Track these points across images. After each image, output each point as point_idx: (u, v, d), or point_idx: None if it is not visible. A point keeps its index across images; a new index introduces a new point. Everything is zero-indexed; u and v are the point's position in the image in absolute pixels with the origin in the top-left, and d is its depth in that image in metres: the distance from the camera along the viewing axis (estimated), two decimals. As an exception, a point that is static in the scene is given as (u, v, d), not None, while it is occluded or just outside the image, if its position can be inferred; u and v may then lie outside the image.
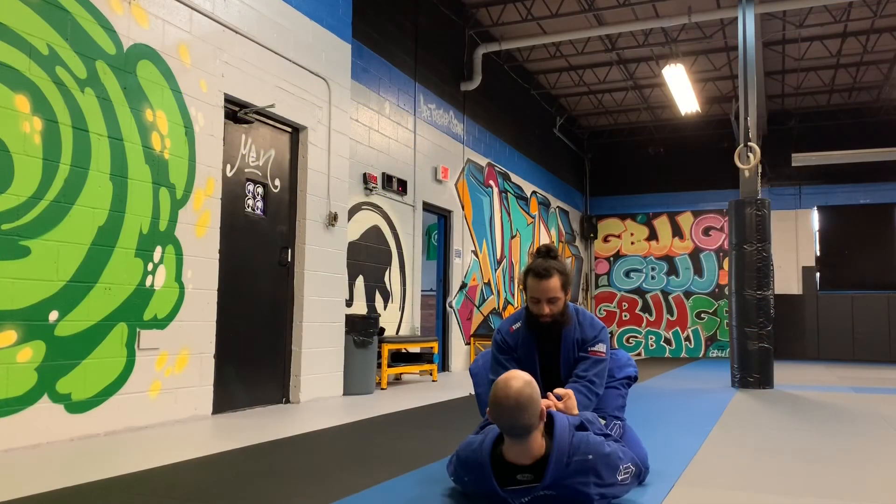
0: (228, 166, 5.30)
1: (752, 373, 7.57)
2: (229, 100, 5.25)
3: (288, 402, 5.80)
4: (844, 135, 14.03)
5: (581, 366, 3.05)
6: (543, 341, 3.09)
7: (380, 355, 7.06)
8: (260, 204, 5.64)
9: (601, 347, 3.06)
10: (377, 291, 8.02)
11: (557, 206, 14.56)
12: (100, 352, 4.10)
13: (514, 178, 12.36)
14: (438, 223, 10.01)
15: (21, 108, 3.71)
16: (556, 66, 12.76)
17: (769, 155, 13.21)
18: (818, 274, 14.46)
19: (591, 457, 2.43)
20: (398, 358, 7.70)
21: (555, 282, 2.96)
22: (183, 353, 4.69)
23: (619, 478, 2.49)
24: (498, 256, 11.55)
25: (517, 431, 2.39)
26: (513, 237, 12.20)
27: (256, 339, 5.54)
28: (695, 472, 3.23)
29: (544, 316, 3.01)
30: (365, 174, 7.75)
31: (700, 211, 15.45)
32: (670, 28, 10.71)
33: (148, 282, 4.44)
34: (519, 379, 2.42)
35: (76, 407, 3.97)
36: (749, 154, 7.97)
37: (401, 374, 8.00)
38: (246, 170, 5.50)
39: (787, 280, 14.47)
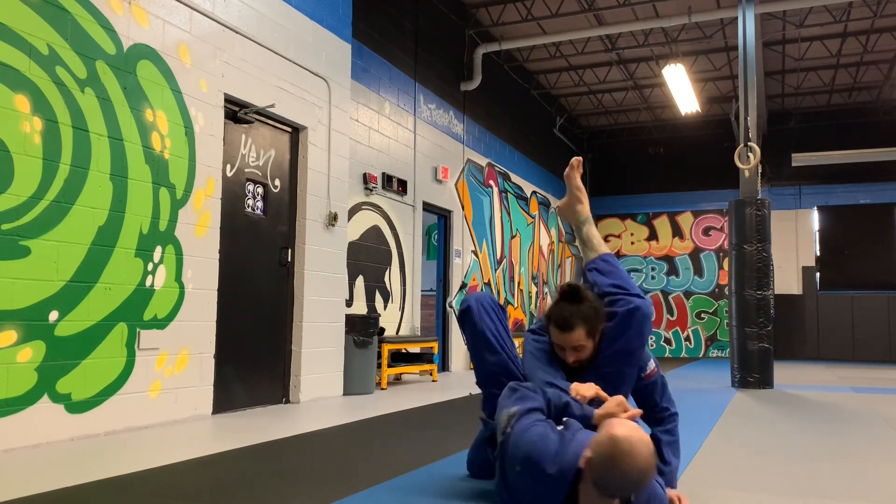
0: (228, 166, 5.30)
1: (752, 373, 7.57)
2: (229, 100, 5.24)
3: (288, 402, 5.80)
4: (844, 135, 14.02)
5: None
6: None
7: (380, 355, 7.06)
8: (260, 204, 5.64)
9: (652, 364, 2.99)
10: (377, 291, 8.02)
11: (557, 207, 14.54)
12: (100, 352, 4.10)
13: (514, 177, 12.36)
14: (438, 223, 10.00)
15: (21, 108, 3.71)
16: (556, 66, 12.76)
17: (769, 155, 13.20)
18: (818, 274, 14.46)
19: None
20: (398, 358, 7.70)
21: (579, 333, 2.65)
22: (183, 353, 4.69)
23: None
24: (498, 256, 11.54)
25: (624, 499, 2.10)
26: (513, 237, 12.20)
27: (256, 339, 5.54)
28: (695, 472, 3.23)
29: (570, 361, 2.77)
30: (365, 174, 7.74)
31: (700, 211, 15.45)
32: (670, 28, 10.71)
33: (148, 282, 4.44)
34: (646, 443, 2.01)
35: (76, 407, 3.96)
36: (749, 154, 7.97)
37: (401, 374, 8.00)
38: (246, 170, 5.50)
39: (787, 280, 14.47)
